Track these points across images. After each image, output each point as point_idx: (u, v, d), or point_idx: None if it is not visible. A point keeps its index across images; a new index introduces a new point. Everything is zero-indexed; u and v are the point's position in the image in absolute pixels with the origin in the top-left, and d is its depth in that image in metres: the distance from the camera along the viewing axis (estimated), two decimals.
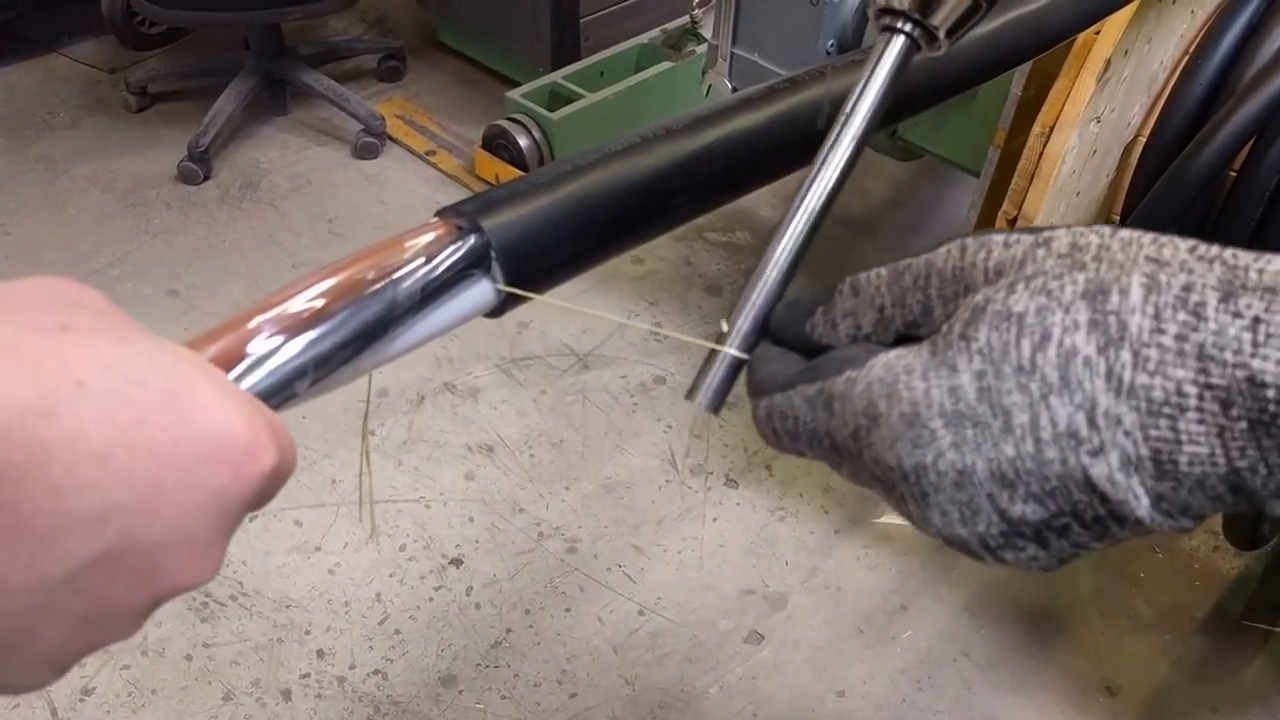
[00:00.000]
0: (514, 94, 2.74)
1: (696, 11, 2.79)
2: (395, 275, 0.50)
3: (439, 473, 2.08)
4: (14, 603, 0.34)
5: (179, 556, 0.36)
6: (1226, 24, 1.62)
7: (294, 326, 0.45)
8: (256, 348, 0.44)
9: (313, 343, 0.46)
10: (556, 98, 2.78)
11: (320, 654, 1.79)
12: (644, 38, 2.94)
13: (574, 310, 0.59)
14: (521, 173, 2.63)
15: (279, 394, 0.44)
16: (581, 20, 2.97)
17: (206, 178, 2.84)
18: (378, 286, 0.49)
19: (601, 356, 2.32)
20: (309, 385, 0.46)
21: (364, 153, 2.91)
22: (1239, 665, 1.82)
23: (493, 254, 0.54)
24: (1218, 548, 1.98)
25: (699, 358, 0.52)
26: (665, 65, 2.84)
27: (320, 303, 0.47)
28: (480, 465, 2.10)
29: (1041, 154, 1.55)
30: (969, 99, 1.95)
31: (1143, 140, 1.66)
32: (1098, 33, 1.51)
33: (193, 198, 2.79)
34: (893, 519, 2.04)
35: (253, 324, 0.45)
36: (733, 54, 2.12)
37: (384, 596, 1.87)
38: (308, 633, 1.82)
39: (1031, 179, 1.56)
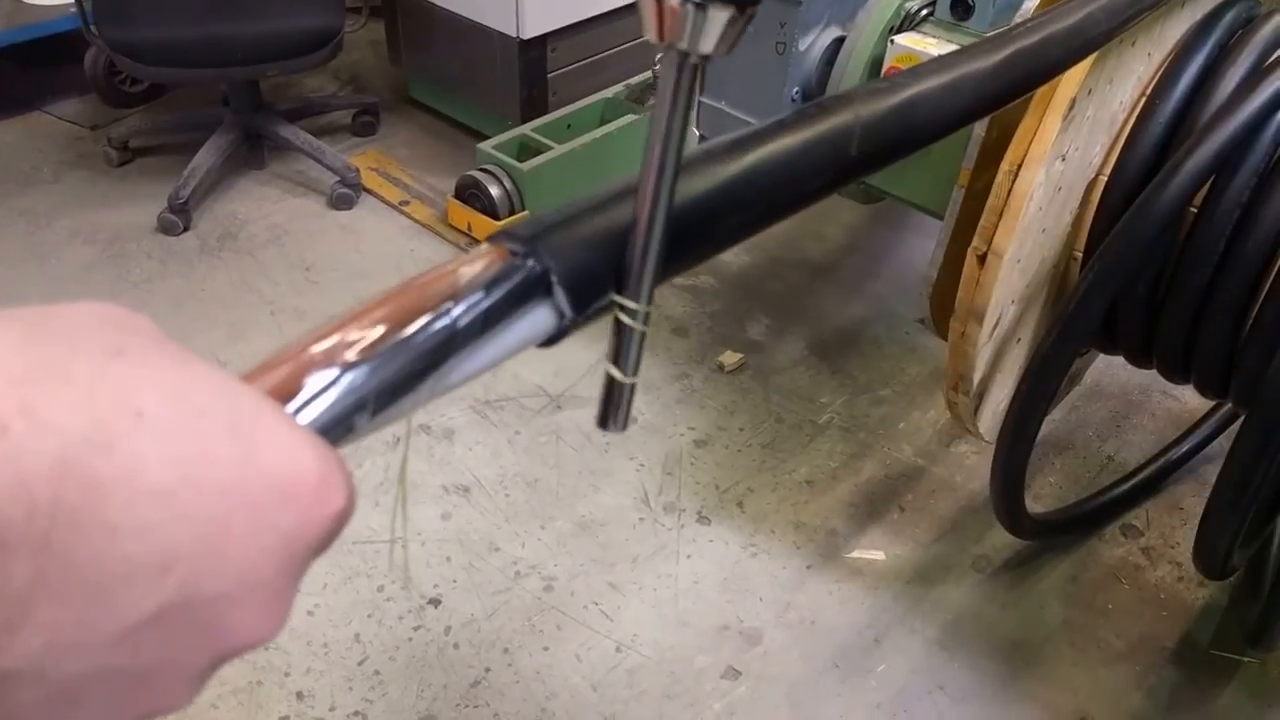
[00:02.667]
0: (485, 146, 2.66)
1: (659, 67, 2.73)
2: (456, 303, 0.44)
3: (416, 513, 1.97)
4: (61, 667, 0.27)
5: (244, 610, 0.30)
6: (1182, 66, 1.57)
7: (353, 357, 0.39)
8: (314, 380, 0.38)
9: (372, 373, 0.39)
10: (525, 149, 2.71)
11: (300, 696, 1.67)
12: (608, 92, 2.88)
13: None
14: (494, 221, 2.55)
15: (337, 429, 0.38)
16: (549, 76, 2.91)
17: (186, 229, 2.73)
18: (438, 314, 0.43)
19: (574, 397, 2.22)
20: (369, 419, 0.39)
21: (339, 203, 2.81)
22: (1211, 694, 1.74)
23: (554, 280, 0.48)
24: (1182, 578, 1.91)
25: (670, 398, 0.50)
26: (629, 118, 2.78)
27: (380, 331, 0.40)
28: (456, 505, 1.99)
29: (1010, 190, 1.48)
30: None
31: (1104, 179, 1.60)
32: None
33: (173, 248, 2.68)
34: (864, 553, 1.94)
35: (310, 354, 0.38)
36: (700, 102, 2.05)
37: (363, 637, 1.76)
38: (287, 675, 1.69)
39: (1001, 215, 1.49)
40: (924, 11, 1.88)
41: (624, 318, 0.51)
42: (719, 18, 0.44)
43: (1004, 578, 1.92)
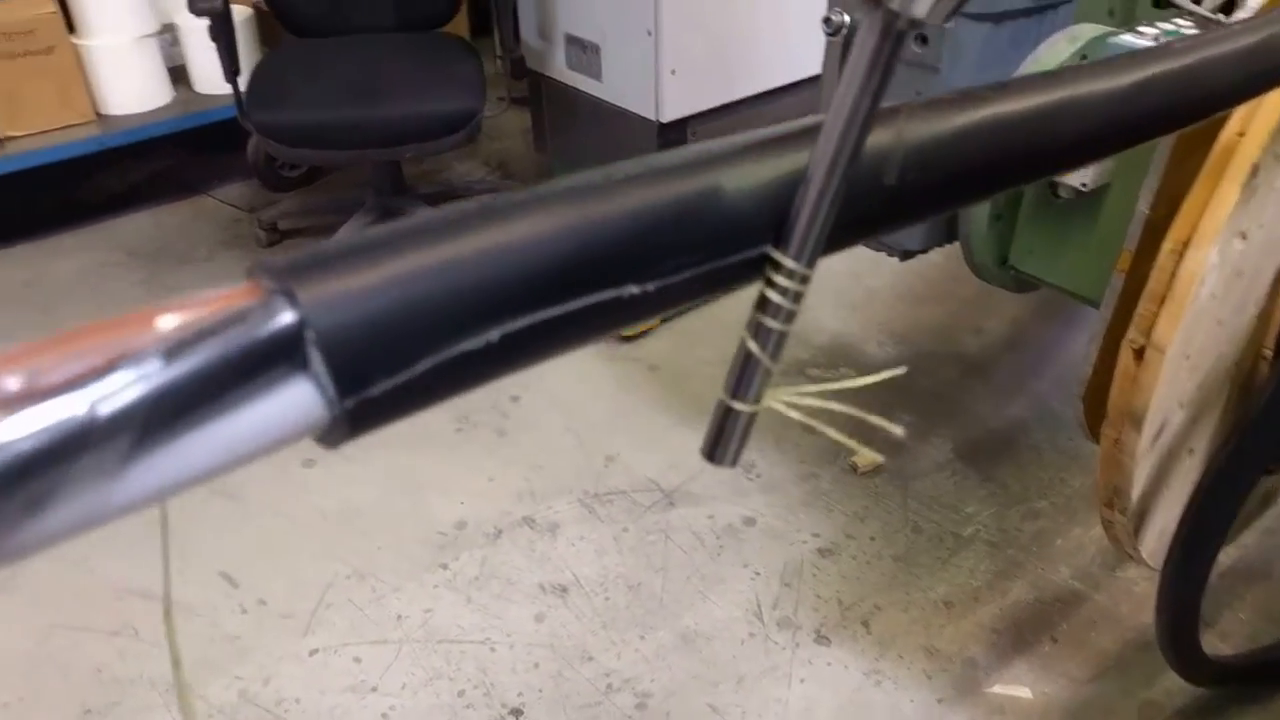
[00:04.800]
0: None
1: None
2: (104, 374, 0.26)
3: (508, 612, 1.80)
4: None
5: None
6: None
7: None
8: None
9: None
10: None
11: None
12: None
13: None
14: None
15: None
16: None
17: None
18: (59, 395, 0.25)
19: (689, 494, 2.03)
20: None
21: None
22: None
23: (308, 340, 0.30)
24: None
25: (795, 500, 0.30)
26: None
27: None
28: (552, 606, 1.82)
29: (1174, 274, 1.24)
30: (1089, 224, 1.65)
31: None
32: (1241, 134, 1.21)
33: None
34: (1008, 689, 1.67)
35: None
36: None
37: None
38: None
39: (1162, 302, 1.25)
40: None
41: (766, 317, 0.46)
42: None
43: None
